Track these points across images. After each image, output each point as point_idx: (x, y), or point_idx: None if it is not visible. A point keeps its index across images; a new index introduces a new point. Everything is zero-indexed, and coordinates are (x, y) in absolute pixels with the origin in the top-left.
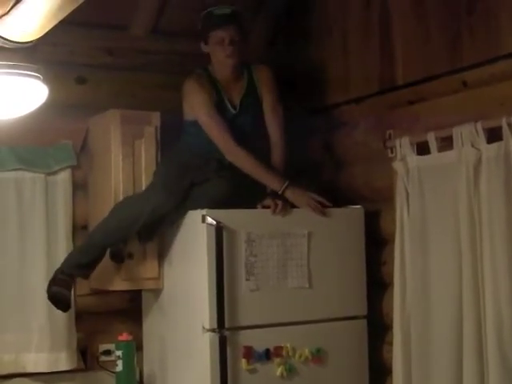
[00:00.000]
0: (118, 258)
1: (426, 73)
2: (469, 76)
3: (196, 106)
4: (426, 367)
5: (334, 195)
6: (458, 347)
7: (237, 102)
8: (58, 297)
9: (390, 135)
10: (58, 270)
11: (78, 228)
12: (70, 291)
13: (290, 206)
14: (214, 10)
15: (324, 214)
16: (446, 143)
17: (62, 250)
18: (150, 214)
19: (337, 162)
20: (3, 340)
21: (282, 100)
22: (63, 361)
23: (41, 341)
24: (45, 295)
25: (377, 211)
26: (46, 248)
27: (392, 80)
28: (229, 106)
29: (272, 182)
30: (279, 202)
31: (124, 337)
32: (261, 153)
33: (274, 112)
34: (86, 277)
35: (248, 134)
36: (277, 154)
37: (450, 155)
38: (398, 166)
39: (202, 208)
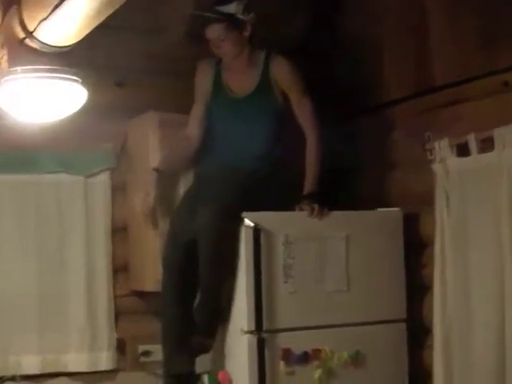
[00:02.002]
0: (202, 351)
1: (464, 74)
2: (510, 76)
3: None
4: (467, 372)
5: (373, 198)
6: (501, 351)
7: (244, 90)
8: None
9: (429, 137)
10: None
11: (117, 230)
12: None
13: (327, 208)
14: (199, 13)
15: None
16: (487, 145)
17: (101, 252)
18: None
19: (376, 165)
20: (45, 340)
21: (307, 91)
22: (103, 361)
23: (81, 341)
24: (84, 296)
25: (416, 214)
26: (85, 250)
27: (430, 81)
28: (226, 89)
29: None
30: (315, 206)
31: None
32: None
33: (300, 106)
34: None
35: (246, 125)
36: (309, 148)
37: (490, 157)
38: (437, 168)
39: None
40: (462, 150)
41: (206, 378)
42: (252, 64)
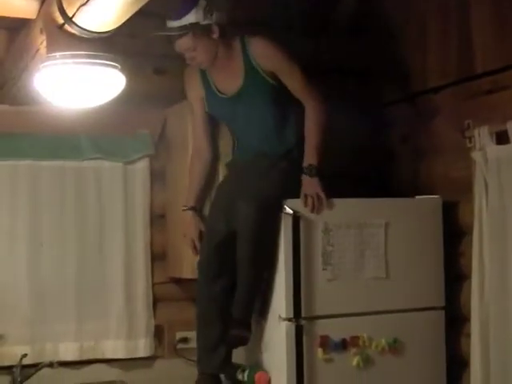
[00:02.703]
0: (240, 344)
1: (505, 61)
2: None
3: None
4: (505, 360)
5: (412, 185)
6: None
7: (234, 85)
8: None
9: (468, 125)
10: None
11: (155, 217)
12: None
13: (325, 197)
14: (161, 33)
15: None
16: None
17: (140, 239)
18: (207, 305)
19: (414, 153)
20: (83, 327)
21: (294, 63)
22: (141, 348)
23: (119, 328)
24: (122, 282)
25: (455, 202)
26: (124, 237)
27: (471, 69)
28: (216, 91)
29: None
30: (314, 199)
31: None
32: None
33: (291, 80)
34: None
35: (251, 117)
36: (307, 119)
37: None
38: (476, 155)
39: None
40: (502, 138)
41: (245, 374)
42: (232, 57)
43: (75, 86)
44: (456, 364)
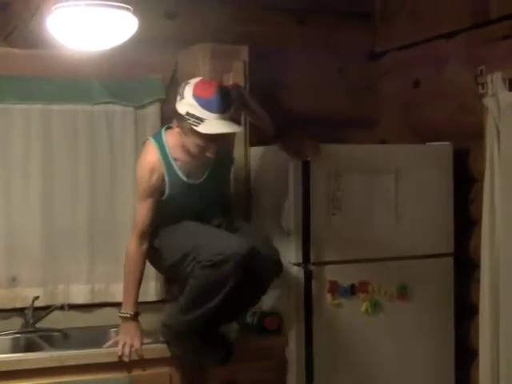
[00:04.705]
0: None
1: None
2: None
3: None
4: None
5: (422, 132)
6: None
7: (203, 171)
8: None
9: (481, 71)
10: None
11: None
12: None
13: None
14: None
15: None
16: None
17: None
18: None
19: (426, 99)
20: (94, 270)
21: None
22: (151, 291)
23: None
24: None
25: (466, 149)
26: (134, 180)
27: (486, 14)
28: (183, 178)
29: (124, 303)
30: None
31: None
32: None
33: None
34: None
35: (210, 198)
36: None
37: None
38: (489, 102)
39: None
40: None
41: (255, 318)
42: None
43: (87, 28)
44: (465, 310)
